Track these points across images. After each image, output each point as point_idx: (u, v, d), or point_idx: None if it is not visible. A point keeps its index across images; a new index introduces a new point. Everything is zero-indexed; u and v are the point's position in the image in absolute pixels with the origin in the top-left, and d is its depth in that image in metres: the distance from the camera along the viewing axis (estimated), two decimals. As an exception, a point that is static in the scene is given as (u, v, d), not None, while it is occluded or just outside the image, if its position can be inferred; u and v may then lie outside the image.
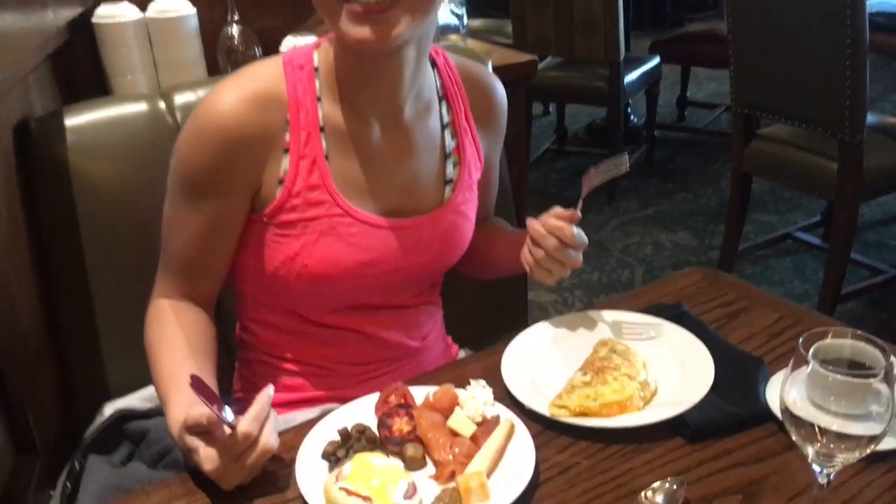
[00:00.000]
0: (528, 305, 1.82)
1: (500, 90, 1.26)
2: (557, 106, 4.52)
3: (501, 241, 1.29)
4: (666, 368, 1.10)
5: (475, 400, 1.01)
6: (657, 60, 3.99)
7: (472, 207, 1.22)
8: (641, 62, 3.90)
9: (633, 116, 4.48)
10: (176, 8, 1.79)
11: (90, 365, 1.33)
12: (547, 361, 1.14)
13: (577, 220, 1.11)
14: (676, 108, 4.77)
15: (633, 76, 3.74)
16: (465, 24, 2.28)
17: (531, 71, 2.13)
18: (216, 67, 1.87)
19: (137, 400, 1.23)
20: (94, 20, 1.77)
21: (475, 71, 1.24)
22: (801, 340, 0.79)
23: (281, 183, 1.08)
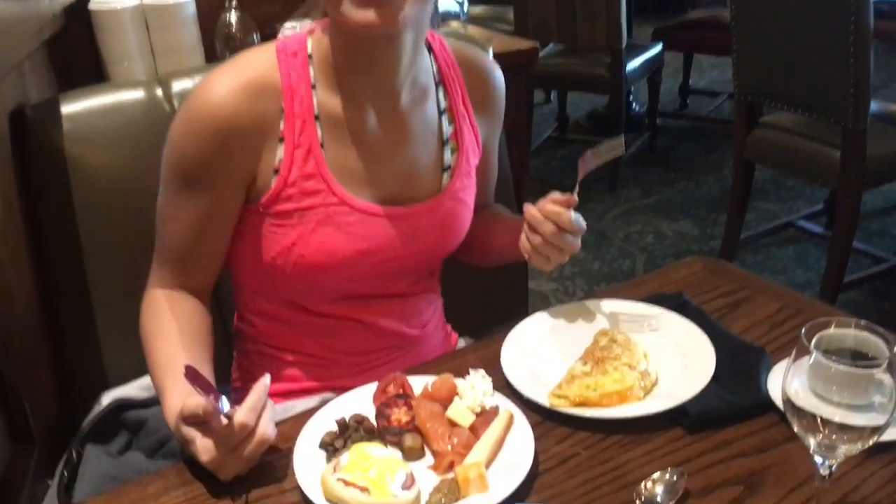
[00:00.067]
0: (528, 294, 1.81)
1: (497, 74, 1.24)
2: (559, 93, 4.50)
3: (500, 227, 1.28)
4: (667, 358, 1.09)
5: (474, 390, 1.00)
6: (659, 48, 3.97)
7: (470, 194, 1.21)
8: (643, 49, 3.88)
9: (635, 104, 4.46)
10: (174, -6, 1.78)
11: (88, 353, 1.33)
12: (547, 351, 1.13)
13: (574, 204, 1.10)
14: (679, 95, 4.74)
15: (635, 63, 3.72)
16: (465, 10, 2.27)
17: (532, 58, 2.12)
18: (214, 54, 1.86)
19: (135, 389, 1.23)
20: (90, 6, 1.76)
21: (472, 55, 1.22)
22: (803, 331, 0.78)
23: (276, 172, 1.07)
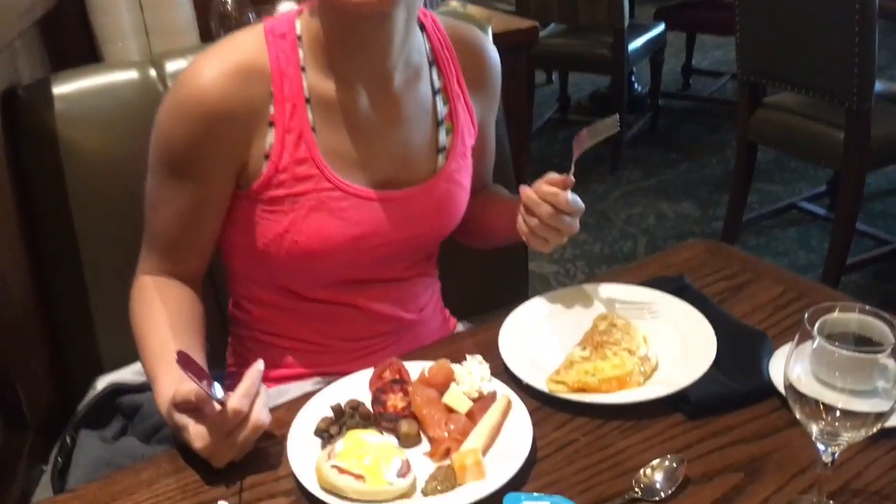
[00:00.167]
0: (528, 276, 1.80)
1: (492, 52, 1.22)
2: (560, 74, 4.47)
3: (498, 208, 1.26)
4: (667, 343, 1.08)
5: (471, 375, 0.99)
6: (662, 27, 3.94)
7: (466, 175, 1.19)
8: (646, 29, 3.85)
9: (637, 85, 4.43)
10: (168, -28, 1.76)
11: (82, 337, 1.32)
12: (545, 336, 1.11)
13: (570, 185, 1.08)
14: (681, 76, 4.71)
15: (637, 43, 3.69)
16: (465, -11, 2.24)
17: (533, 38, 2.10)
18: (209, 34, 1.84)
19: (131, 374, 1.21)
20: (83, -15, 1.73)
21: (466, 33, 1.20)
22: (806, 315, 0.77)
23: (267, 158, 1.05)
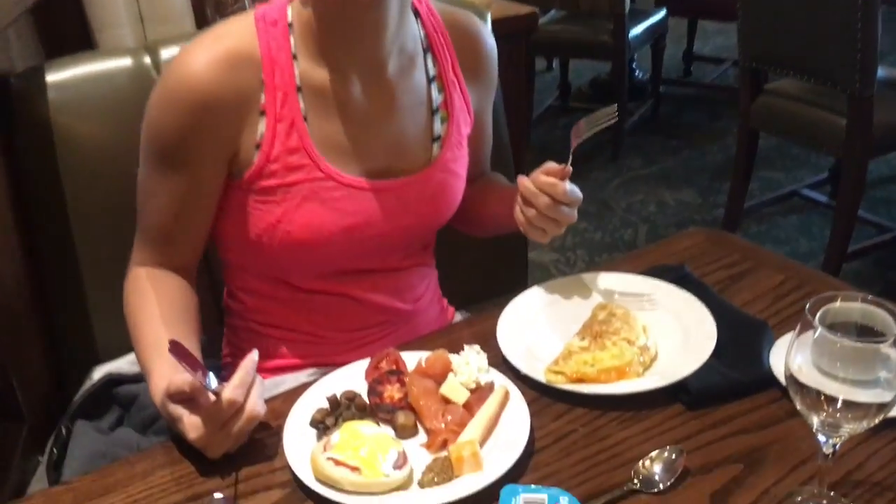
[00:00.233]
0: (528, 265, 1.78)
1: (488, 38, 1.20)
2: (561, 61, 4.44)
3: (496, 197, 1.24)
4: (667, 333, 1.07)
5: (469, 366, 0.98)
6: (663, 13, 3.92)
7: (462, 164, 1.18)
8: (647, 15, 3.83)
9: (638, 71, 4.41)
10: (163, -42, 1.74)
11: (78, 327, 1.31)
12: (543, 326, 1.10)
13: (568, 175, 1.07)
14: (682, 62, 4.69)
15: (638, 30, 3.68)
16: (464, -25, 2.22)
17: (532, 24, 2.08)
18: (205, 20, 1.83)
19: (127, 364, 1.21)
20: (77, -29, 1.72)
21: (461, 18, 1.18)
22: (808, 305, 0.76)
23: (258, 147, 1.04)
